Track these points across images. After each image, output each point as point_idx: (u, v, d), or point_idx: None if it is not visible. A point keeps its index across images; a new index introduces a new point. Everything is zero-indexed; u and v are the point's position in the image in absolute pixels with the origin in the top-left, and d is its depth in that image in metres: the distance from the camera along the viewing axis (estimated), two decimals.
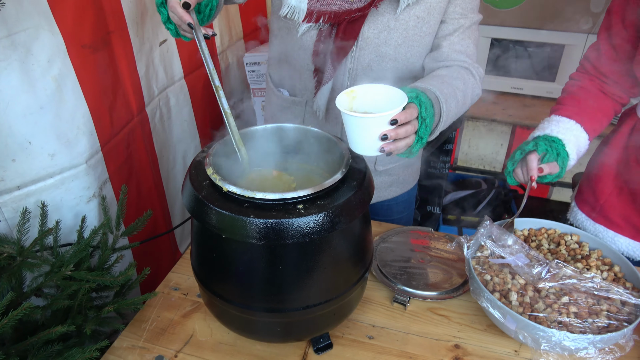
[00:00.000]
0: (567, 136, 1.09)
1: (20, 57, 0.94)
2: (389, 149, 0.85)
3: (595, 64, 1.17)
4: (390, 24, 1.09)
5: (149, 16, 1.38)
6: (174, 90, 1.59)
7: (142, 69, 1.38)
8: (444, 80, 1.03)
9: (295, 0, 1.08)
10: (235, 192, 0.77)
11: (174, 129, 1.62)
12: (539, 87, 2.11)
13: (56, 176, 1.07)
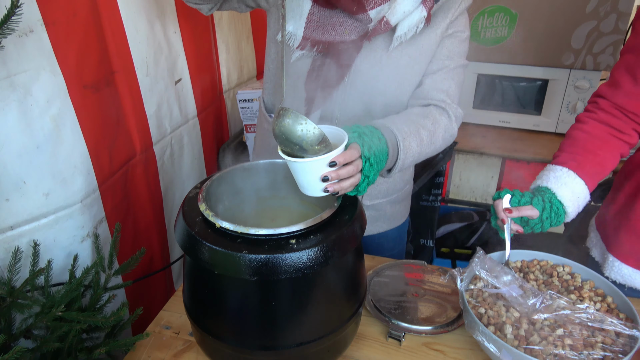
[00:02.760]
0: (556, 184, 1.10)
1: (19, 97, 0.96)
2: (332, 189, 0.85)
3: (611, 99, 1.14)
4: (383, 60, 1.12)
5: (164, 56, 1.41)
6: (187, 128, 1.61)
7: (152, 107, 1.39)
8: (409, 118, 1.05)
9: (293, 27, 1.09)
10: (228, 227, 0.78)
11: (184, 166, 1.63)
12: (525, 120, 2.16)
13: (50, 216, 1.07)
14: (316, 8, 1.07)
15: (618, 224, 1.24)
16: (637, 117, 1.12)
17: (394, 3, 1.04)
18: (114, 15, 1.20)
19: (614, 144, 1.13)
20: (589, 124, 1.15)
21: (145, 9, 1.31)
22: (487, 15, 1.97)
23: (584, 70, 1.97)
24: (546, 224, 1.08)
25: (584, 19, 1.88)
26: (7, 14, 0.77)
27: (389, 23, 1.05)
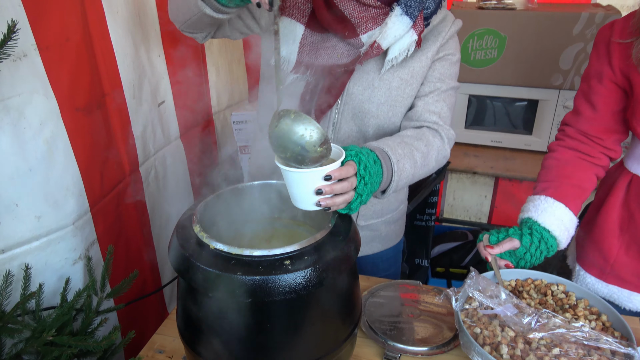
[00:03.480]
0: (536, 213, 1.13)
1: (13, 120, 0.96)
2: (325, 203, 0.86)
3: (575, 126, 1.20)
4: (375, 83, 1.14)
5: (147, 78, 1.43)
6: (171, 150, 1.62)
7: (139, 129, 1.40)
8: (402, 140, 1.06)
9: (286, 52, 1.11)
10: (222, 249, 0.77)
11: (169, 187, 1.63)
12: (517, 140, 2.19)
13: (42, 238, 1.06)
14: (309, 33, 1.10)
15: (584, 235, 1.29)
16: (602, 141, 1.17)
17: (385, 27, 1.06)
18: (105, 39, 1.22)
19: (585, 166, 1.18)
20: (559, 152, 1.21)
21: (131, 33, 1.33)
22: (477, 37, 2.01)
23: (573, 91, 2.00)
24: (537, 253, 1.10)
25: (571, 41, 1.93)
26: (3, 39, 0.78)
27: (380, 47, 1.07)
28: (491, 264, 1.10)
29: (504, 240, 1.11)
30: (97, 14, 1.18)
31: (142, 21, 1.37)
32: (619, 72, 1.09)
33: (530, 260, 1.11)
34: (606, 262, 1.20)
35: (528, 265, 1.13)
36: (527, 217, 1.15)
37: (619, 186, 1.18)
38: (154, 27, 1.43)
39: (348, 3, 1.06)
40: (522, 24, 1.96)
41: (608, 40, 1.10)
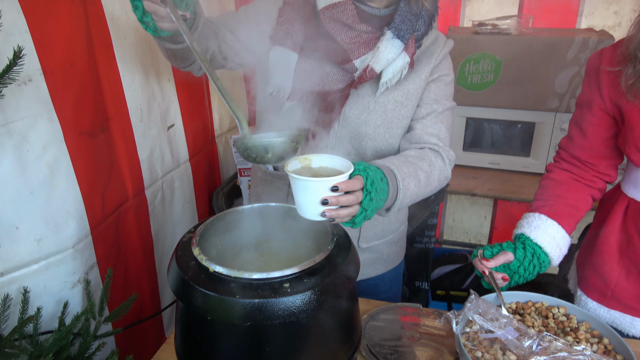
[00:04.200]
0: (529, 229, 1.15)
1: (16, 143, 0.98)
2: (330, 214, 0.87)
3: (568, 150, 1.22)
4: (370, 106, 1.16)
5: (157, 103, 1.45)
6: (179, 173, 1.63)
7: (145, 152, 1.41)
8: (407, 159, 1.08)
9: (281, 79, 1.12)
10: (222, 272, 0.78)
11: (175, 210, 1.63)
12: (515, 161, 2.20)
13: (41, 262, 1.06)
14: (302, 60, 1.12)
15: (584, 259, 1.29)
16: (595, 167, 1.19)
17: (377, 52, 1.09)
18: (111, 64, 1.24)
19: (580, 187, 1.20)
20: (555, 172, 1.23)
21: (140, 59, 1.35)
22: (473, 62, 2.05)
23: (569, 113, 2.03)
24: (530, 267, 1.11)
25: (565, 65, 1.96)
26: (9, 64, 0.80)
27: (374, 71, 1.10)
28: (488, 278, 1.11)
29: (499, 254, 1.12)
30: (104, 40, 1.20)
31: (152, 46, 1.39)
32: (609, 100, 1.11)
33: (524, 275, 1.12)
34: (607, 287, 1.20)
35: (522, 281, 1.13)
36: (521, 233, 1.16)
37: (616, 210, 1.18)
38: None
39: (340, 29, 1.08)
40: (517, 49, 1.99)
41: (597, 68, 1.12)
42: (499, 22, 2.08)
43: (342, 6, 1.07)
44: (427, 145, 1.16)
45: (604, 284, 1.20)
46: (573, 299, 1.32)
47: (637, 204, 1.14)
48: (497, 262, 1.10)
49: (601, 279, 1.21)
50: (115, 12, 1.23)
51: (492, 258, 1.12)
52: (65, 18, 1.06)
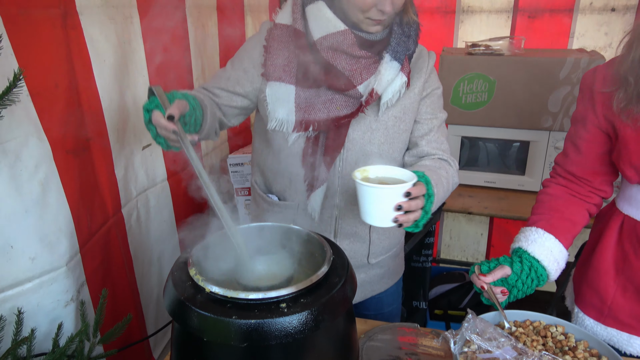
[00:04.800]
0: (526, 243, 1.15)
1: (10, 163, 0.98)
2: (402, 219, 0.93)
3: (564, 166, 1.24)
4: (373, 125, 1.19)
5: (131, 122, 1.45)
6: (155, 192, 1.62)
7: (121, 171, 1.42)
8: (430, 168, 1.13)
9: (283, 114, 1.14)
10: (218, 292, 0.77)
11: (152, 230, 1.62)
12: (510, 180, 2.22)
13: (35, 280, 1.05)
14: (300, 91, 1.14)
15: (581, 276, 1.29)
16: (590, 182, 1.21)
17: (379, 75, 1.12)
18: (90, 85, 1.25)
19: (576, 202, 1.21)
20: (552, 187, 1.25)
21: (118, 80, 1.36)
22: (467, 82, 2.07)
23: (562, 132, 2.05)
24: (529, 281, 1.11)
25: (558, 84, 1.99)
26: (9, 86, 0.80)
27: (377, 93, 1.13)
28: (487, 293, 1.10)
29: (496, 268, 1.12)
30: (83, 62, 1.22)
31: (130, 69, 1.41)
32: (602, 118, 1.12)
33: (522, 289, 1.12)
34: (603, 304, 1.19)
35: (521, 295, 1.13)
36: (518, 247, 1.17)
37: (611, 227, 1.19)
38: (142, 74, 1.47)
39: (339, 57, 1.11)
40: (510, 69, 2.02)
41: (591, 86, 1.14)
42: (491, 43, 2.12)
43: (341, 35, 1.09)
44: (435, 157, 1.23)
45: (600, 301, 1.20)
46: (570, 317, 1.31)
47: (631, 220, 1.14)
48: (495, 276, 1.10)
49: (598, 296, 1.21)
50: (94, 36, 1.24)
51: (489, 273, 1.12)
52: (47, 42, 1.08)
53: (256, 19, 2.37)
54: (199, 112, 1.04)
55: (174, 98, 0.97)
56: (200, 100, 1.07)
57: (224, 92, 1.19)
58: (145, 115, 0.96)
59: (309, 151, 1.18)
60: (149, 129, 0.97)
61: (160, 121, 0.93)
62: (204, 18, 1.87)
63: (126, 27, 1.38)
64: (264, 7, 2.46)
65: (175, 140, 0.95)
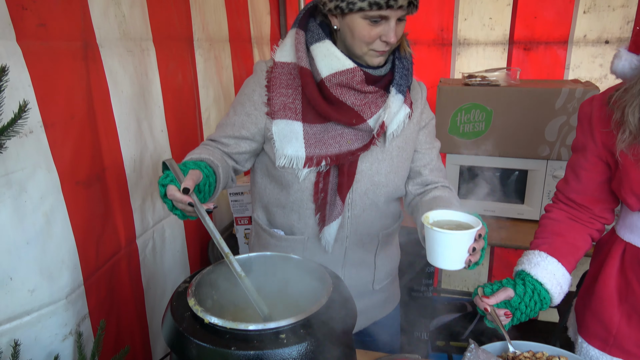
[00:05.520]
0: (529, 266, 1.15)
1: (14, 194, 0.99)
2: (473, 259, 0.97)
3: (565, 193, 1.25)
4: (379, 156, 1.23)
5: (149, 153, 1.47)
6: (170, 222, 1.63)
7: (137, 201, 1.43)
8: (451, 202, 1.19)
9: (293, 150, 1.16)
10: (217, 323, 0.77)
11: (166, 260, 1.62)
12: (509, 209, 2.22)
13: (34, 313, 1.04)
14: (308, 127, 1.16)
15: (583, 305, 1.27)
16: (591, 210, 1.21)
17: (388, 109, 1.16)
18: (108, 116, 1.28)
19: (578, 227, 1.21)
20: (554, 212, 1.26)
21: (135, 111, 1.39)
22: (465, 112, 2.11)
23: (560, 161, 2.07)
24: (532, 303, 1.10)
25: (554, 114, 2.02)
26: (14, 118, 0.82)
27: (385, 125, 1.17)
28: (490, 315, 1.09)
29: (499, 291, 1.11)
30: (102, 93, 1.25)
31: (146, 99, 1.44)
32: (602, 146, 1.14)
33: (525, 311, 1.11)
34: (608, 333, 1.18)
35: (524, 318, 1.12)
36: (521, 270, 1.16)
37: (613, 255, 1.18)
38: (157, 104, 1.51)
39: (348, 93, 1.14)
40: (506, 99, 2.06)
41: (590, 115, 1.16)
42: (488, 74, 2.16)
43: (350, 73, 1.12)
44: (438, 185, 1.29)
45: (605, 330, 1.19)
46: (574, 348, 1.29)
47: (633, 248, 1.14)
48: (498, 298, 1.10)
49: (602, 325, 1.19)
50: (113, 68, 1.28)
51: (492, 295, 1.11)
52: (67, 73, 1.11)
53: (260, 50, 2.44)
54: (212, 178, 1.06)
55: (187, 169, 0.99)
56: (210, 163, 1.08)
57: (231, 139, 1.21)
58: (160, 189, 0.97)
59: (320, 185, 1.19)
60: (165, 202, 0.98)
61: (176, 195, 0.94)
62: (216, 50, 1.93)
63: (143, 59, 1.42)
64: (266, 40, 2.54)
65: (192, 211, 0.96)
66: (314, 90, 1.14)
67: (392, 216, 1.34)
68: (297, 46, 1.16)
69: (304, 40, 1.17)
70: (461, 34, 2.54)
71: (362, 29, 1.08)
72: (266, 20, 2.51)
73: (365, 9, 1.05)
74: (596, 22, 2.35)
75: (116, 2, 1.28)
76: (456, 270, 0.99)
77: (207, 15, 1.83)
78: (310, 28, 1.17)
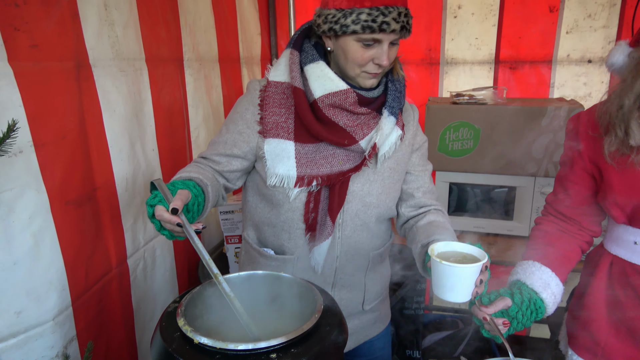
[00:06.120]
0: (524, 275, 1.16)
1: (2, 214, 0.98)
2: (480, 290, 0.99)
3: (553, 206, 1.28)
4: (371, 177, 1.23)
5: (141, 172, 1.47)
6: (161, 242, 1.62)
7: (129, 221, 1.42)
8: (446, 227, 1.22)
9: (284, 169, 1.16)
10: (207, 343, 0.76)
11: (156, 279, 1.61)
12: (498, 225, 2.24)
13: (20, 335, 1.02)
14: (300, 146, 1.17)
15: (574, 318, 1.29)
16: (579, 223, 1.24)
17: (381, 130, 1.17)
18: (100, 135, 1.28)
19: (568, 238, 1.24)
20: (544, 224, 1.28)
21: (127, 130, 1.39)
22: (453, 129, 2.14)
23: (548, 178, 2.09)
24: (528, 312, 1.11)
25: (540, 132, 2.05)
26: (2, 137, 0.82)
27: (377, 147, 1.18)
28: (488, 325, 1.09)
29: (497, 300, 1.11)
30: (95, 112, 1.25)
31: (139, 119, 1.45)
32: (588, 160, 1.17)
33: (522, 321, 1.11)
34: (597, 346, 1.19)
35: (520, 327, 1.12)
36: (516, 279, 1.17)
37: (601, 268, 1.21)
38: (149, 124, 1.51)
39: (341, 114, 1.15)
40: (493, 117, 2.09)
41: (576, 130, 1.20)
42: (475, 92, 2.20)
43: (343, 94, 1.14)
44: (431, 208, 1.30)
45: (594, 343, 1.20)
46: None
47: (620, 261, 1.16)
48: (497, 307, 1.09)
49: (591, 337, 1.20)
50: (107, 87, 1.29)
51: (490, 304, 1.10)
52: (59, 93, 1.11)
53: (250, 70, 2.46)
54: (201, 197, 1.06)
55: (176, 189, 0.99)
56: (200, 182, 1.08)
57: (222, 157, 1.21)
58: (148, 210, 0.97)
59: (310, 205, 1.19)
60: (153, 222, 0.98)
61: (164, 215, 0.94)
62: (206, 70, 1.95)
63: (136, 79, 1.42)
64: (256, 60, 2.56)
65: (180, 232, 0.96)
66: (306, 110, 1.15)
67: (383, 237, 1.34)
68: (291, 66, 1.18)
69: (298, 60, 1.18)
70: (448, 53, 2.59)
71: (355, 52, 1.10)
72: (257, 41, 2.55)
73: (358, 32, 1.07)
74: (579, 42, 2.41)
75: (109, 22, 1.29)
76: (463, 302, 1.00)
77: (197, 36, 1.85)
78: (304, 49, 1.19)
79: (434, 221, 1.25)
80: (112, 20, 1.30)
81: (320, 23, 1.12)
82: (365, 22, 1.05)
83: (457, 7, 2.51)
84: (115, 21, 1.32)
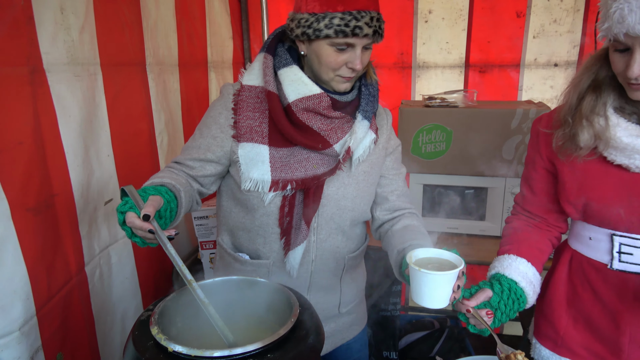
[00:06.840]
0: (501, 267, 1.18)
1: None
2: (457, 296, 1.00)
3: (521, 205, 1.32)
4: (345, 181, 1.23)
5: (95, 178, 1.44)
6: (117, 248, 1.57)
7: (85, 228, 1.38)
8: (421, 231, 1.24)
9: (258, 174, 1.15)
10: (181, 351, 0.75)
11: (114, 287, 1.56)
12: (471, 226, 2.28)
13: None
14: (274, 150, 1.16)
15: (538, 309, 1.33)
16: (545, 220, 1.29)
17: (354, 134, 1.18)
18: (56, 141, 1.25)
19: (538, 232, 1.28)
20: (515, 222, 1.32)
21: (83, 136, 1.36)
22: (426, 132, 2.17)
23: (518, 178, 2.13)
24: (510, 302, 1.12)
25: (510, 134, 2.10)
26: None
27: (351, 150, 1.18)
28: (473, 318, 1.10)
29: (478, 292, 1.12)
30: (50, 118, 1.22)
31: (93, 124, 1.41)
32: (547, 159, 1.23)
33: (505, 311, 1.12)
34: (557, 335, 1.25)
35: (504, 318, 1.13)
36: (495, 273, 1.19)
37: (562, 262, 1.26)
38: (104, 129, 1.48)
39: (315, 118, 1.15)
40: (464, 120, 2.13)
41: (538, 131, 1.25)
42: (446, 95, 2.24)
43: (317, 98, 1.14)
44: (406, 212, 1.31)
45: (554, 332, 1.25)
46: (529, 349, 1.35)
47: (579, 255, 1.22)
48: (478, 300, 1.10)
49: (552, 327, 1.26)
50: (61, 93, 1.25)
51: (472, 297, 1.11)
52: (13, 99, 1.08)
53: (219, 74, 2.43)
54: (174, 203, 1.04)
55: (147, 195, 0.97)
56: (172, 187, 1.07)
57: (196, 162, 1.19)
58: (119, 217, 0.94)
59: (285, 209, 1.19)
60: (124, 230, 0.95)
61: (135, 222, 0.92)
62: (165, 74, 1.91)
63: (91, 84, 1.39)
64: (228, 64, 2.54)
65: (153, 239, 0.94)
66: (280, 115, 1.14)
67: (358, 240, 1.35)
68: (265, 70, 1.17)
69: (272, 64, 1.18)
70: (420, 57, 2.63)
71: (328, 56, 1.11)
72: (228, 45, 2.52)
73: (331, 37, 1.07)
74: (545, 46, 2.49)
75: (65, 27, 1.26)
76: (440, 307, 1.01)
77: (158, 40, 1.82)
78: (278, 53, 1.18)
79: (408, 225, 1.26)
80: (68, 24, 1.27)
81: (294, 27, 1.12)
82: (338, 27, 1.06)
83: (427, 12, 2.55)
84: (71, 25, 1.28)
